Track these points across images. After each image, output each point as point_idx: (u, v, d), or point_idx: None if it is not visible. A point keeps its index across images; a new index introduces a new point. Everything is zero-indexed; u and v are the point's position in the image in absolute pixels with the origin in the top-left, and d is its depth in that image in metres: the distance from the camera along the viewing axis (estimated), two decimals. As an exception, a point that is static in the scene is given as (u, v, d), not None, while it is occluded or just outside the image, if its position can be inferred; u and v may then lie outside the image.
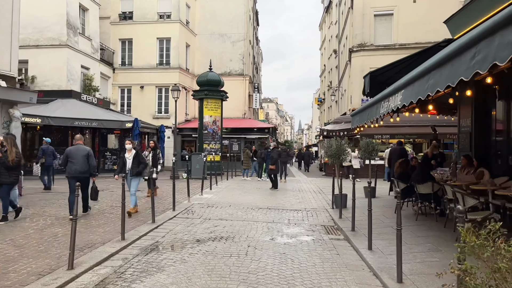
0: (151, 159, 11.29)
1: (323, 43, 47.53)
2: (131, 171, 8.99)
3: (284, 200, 12.14)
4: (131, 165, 9.03)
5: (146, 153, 11.42)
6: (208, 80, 22.15)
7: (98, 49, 26.20)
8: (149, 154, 11.47)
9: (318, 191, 15.00)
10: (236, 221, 8.64)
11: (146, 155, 11.17)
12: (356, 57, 23.99)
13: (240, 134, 27.61)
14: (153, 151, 11.59)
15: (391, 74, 10.51)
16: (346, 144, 10.99)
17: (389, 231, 7.44)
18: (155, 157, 11.45)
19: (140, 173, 9.10)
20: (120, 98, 29.13)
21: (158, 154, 11.65)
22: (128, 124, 20.91)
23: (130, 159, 9.09)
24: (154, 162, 11.36)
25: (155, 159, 11.42)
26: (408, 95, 5.41)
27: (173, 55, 28.57)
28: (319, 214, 9.86)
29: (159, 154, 11.78)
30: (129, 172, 9.03)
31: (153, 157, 11.41)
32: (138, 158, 9.10)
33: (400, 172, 9.17)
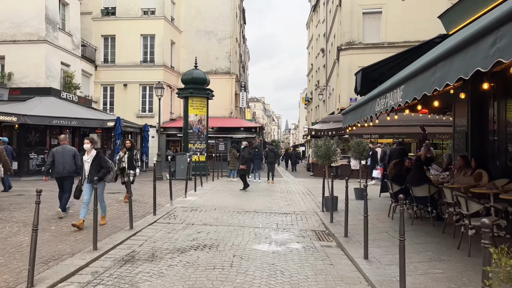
0: (126, 161, 10.39)
1: (310, 42, 47.19)
2: (89, 176, 7.41)
3: (272, 203, 11.61)
4: (89, 169, 7.50)
5: (121, 154, 10.57)
6: (193, 78, 21.51)
7: (79, 45, 25.30)
8: (125, 155, 10.52)
9: (307, 192, 14.52)
10: (221, 227, 8.08)
11: (121, 156, 10.41)
12: (344, 55, 23.62)
13: (227, 134, 27.00)
14: (129, 151, 10.59)
15: (384, 71, 10.07)
16: (336, 144, 10.53)
17: (384, 238, 6.97)
18: (131, 159, 10.49)
19: (101, 179, 7.45)
20: (102, 97, 28.24)
21: (135, 155, 10.67)
22: (110, 123, 20.15)
23: (89, 162, 7.51)
24: (131, 164, 10.43)
25: (131, 161, 10.46)
26: (410, 91, 4.91)
27: (158, 52, 27.81)
28: (309, 218, 9.35)
29: (136, 155, 10.74)
30: (87, 177, 7.48)
31: (129, 158, 10.46)
32: (98, 161, 7.52)
33: (394, 174, 8.72)
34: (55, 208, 8.93)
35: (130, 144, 10.77)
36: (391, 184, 8.55)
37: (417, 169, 7.89)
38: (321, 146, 10.37)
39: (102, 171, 7.53)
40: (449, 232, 6.86)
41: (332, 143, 10.25)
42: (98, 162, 7.54)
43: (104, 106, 28.18)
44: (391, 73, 9.64)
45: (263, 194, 13.78)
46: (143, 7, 28.01)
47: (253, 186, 16.25)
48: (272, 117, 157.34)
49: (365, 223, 5.74)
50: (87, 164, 7.56)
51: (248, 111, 53.04)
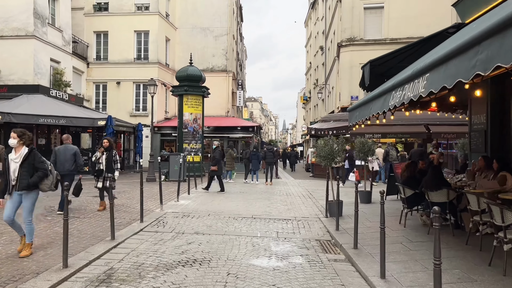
0: (104, 163, 9.17)
1: (309, 40, 46.40)
2: (18, 182, 5.54)
3: (271, 207, 10.77)
4: (18, 172, 5.56)
5: (98, 155, 9.28)
6: (188, 75, 20.64)
7: (70, 41, 24.37)
8: (102, 156, 9.23)
9: (308, 195, 13.69)
10: (215, 236, 7.23)
11: (98, 157, 9.28)
12: (345, 52, 22.81)
13: (223, 133, 26.14)
14: (107, 152, 9.23)
15: (393, 64, 9.26)
16: (341, 144, 9.71)
17: (400, 250, 6.14)
18: (110, 160, 9.17)
19: (34, 186, 5.65)
20: (95, 95, 27.31)
21: (114, 155, 9.26)
22: (101, 122, 19.24)
23: (17, 162, 5.57)
24: (109, 166, 9.16)
25: (110, 163, 9.16)
26: (438, 79, 4.07)
27: (152, 49, 26.92)
28: (312, 225, 8.51)
29: (115, 155, 9.31)
30: (15, 184, 5.55)
31: (107, 159, 9.16)
32: (31, 161, 5.63)
33: (407, 176, 7.88)
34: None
35: (108, 143, 9.33)
36: (403, 188, 7.72)
37: (434, 172, 7.05)
38: (324, 146, 9.55)
39: (36, 174, 5.65)
40: (474, 243, 6.04)
41: (337, 143, 9.43)
42: (31, 163, 5.62)
43: (97, 104, 27.26)
44: (401, 66, 8.83)
45: (261, 197, 12.93)
46: (137, 2, 27.10)
47: (251, 188, 15.41)
48: (270, 117, 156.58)
49: (382, 236, 4.91)
50: (14, 164, 5.58)
51: (245, 110, 52.21)
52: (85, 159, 19.62)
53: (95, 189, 9.73)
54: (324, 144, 9.52)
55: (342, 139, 9.81)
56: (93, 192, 12.66)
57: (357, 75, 22.35)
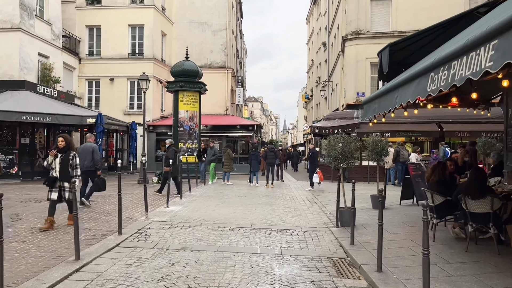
0: (58, 168, 7.10)
1: (311, 37, 45.11)
2: None
3: (272, 214, 9.49)
4: None
5: (49, 159, 7.20)
6: (183, 70, 19.36)
7: (60, 35, 23.10)
8: (55, 160, 7.13)
9: (313, 199, 12.40)
10: (206, 253, 5.95)
11: (50, 162, 7.16)
12: (350, 46, 21.52)
13: (222, 132, 24.88)
14: (61, 153, 7.15)
15: (415, 49, 8.00)
16: (357, 142, 8.44)
17: (437, 275, 4.85)
18: (65, 164, 7.09)
19: None
20: (87, 92, 26.07)
21: (72, 159, 7.19)
22: (90, 120, 17.98)
23: None
24: (65, 172, 7.07)
25: (65, 168, 7.08)
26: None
27: (147, 44, 25.66)
28: (321, 237, 7.23)
29: (74, 158, 7.24)
30: None
31: (62, 164, 7.07)
32: None
33: (437, 181, 6.59)
34: None
35: (64, 142, 7.21)
36: (431, 194, 6.44)
37: (477, 175, 5.75)
38: (334, 145, 8.27)
39: None
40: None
41: (350, 141, 8.16)
42: None
43: (89, 102, 26.03)
44: (424, 51, 7.58)
45: (262, 201, 11.64)
46: (131, -5, 25.86)
47: (250, 192, 14.13)
48: (270, 117, 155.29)
49: (425, 266, 3.63)
50: None
51: (245, 109, 50.94)
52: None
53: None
54: (334, 142, 8.26)
55: (354, 137, 8.55)
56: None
57: (363, 70, 21.10)
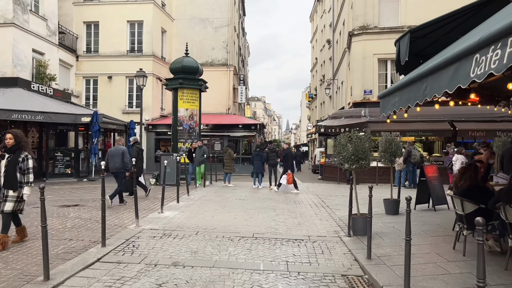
0: (3, 172, 5.83)
1: (315, 35, 44.23)
2: None
3: (276, 220, 8.64)
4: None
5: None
6: (183, 66, 18.53)
7: (56, 32, 22.35)
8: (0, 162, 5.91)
9: (320, 203, 11.53)
10: (200, 270, 5.11)
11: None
12: (357, 41, 20.64)
13: (223, 132, 24.05)
14: (9, 154, 5.87)
15: (438, 36, 7.15)
16: (370, 141, 7.59)
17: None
18: (13, 168, 5.75)
19: None
20: (85, 90, 25.28)
21: (23, 160, 5.86)
22: (85, 119, 17.22)
23: None
24: (11, 178, 5.73)
25: (13, 172, 5.74)
26: None
27: (146, 40, 24.85)
28: (332, 249, 6.38)
29: (26, 160, 5.88)
30: None
31: (8, 167, 5.77)
32: None
33: (467, 186, 5.72)
34: None
35: (13, 140, 5.90)
36: (462, 202, 5.57)
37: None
38: (345, 144, 7.42)
39: None
40: None
41: (364, 140, 7.31)
42: None
43: (87, 101, 25.24)
44: (450, 38, 6.72)
45: (265, 206, 10.79)
46: (130, -10, 25.05)
47: (252, 195, 13.29)
48: (273, 117, 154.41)
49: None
50: None
51: (248, 108, 50.10)
52: (67, 160, 17.59)
53: (63, 199, 7.65)
54: (346, 141, 7.41)
55: (368, 135, 7.70)
56: (61, 201, 10.62)
57: (370, 67, 20.20)
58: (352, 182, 7.32)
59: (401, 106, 5.65)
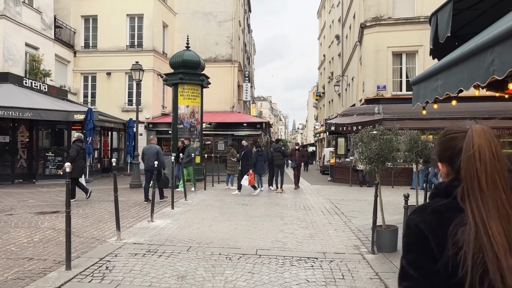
0: None
1: (322, 31, 42.89)
2: None
3: (284, 232, 7.37)
4: None
5: None
6: (184, 60, 17.38)
7: (52, 25, 21.29)
8: None
9: (333, 209, 10.25)
10: (185, 306, 3.88)
11: None
12: (369, 34, 19.30)
13: (227, 130, 22.84)
14: None
15: (487, 6, 5.84)
16: (396, 139, 6.34)
17: None
18: None
19: None
20: (83, 87, 24.23)
21: None
22: (78, 116, 16.07)
23: None
24: None
25: None
26: None
27: (147, 35, 23.73)
28: (354, 272, 5.11)
29: None
30: None
31: None
32: None
33: None
34: None
35: None
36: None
37: None
38: (368, 143, 6.16)
39: None
40: None
41: (391, 138, 6.04)
42: None
43: (85, 98, 24.19)
44: (501, 10, 5.44)
45: (271, 212, 9.53)
46: (130, -18, 23.93)
47: (256, 200, 12.03)
48: (279, 117, 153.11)
49: None
50: None
51: (254, 107, 48.86)
52: (59, 161, 16.46)
53: (44, 205, 6.48)
54: (369, 139, 6.15)
55: (395, 131, 6.45)
56: (41, 207, 9.44)
57: (384, 61, 18.84)
58: (372, 185, 6.05)
59: (447, 92, 4.37)
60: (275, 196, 12.76)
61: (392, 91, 18.74)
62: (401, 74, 18.98)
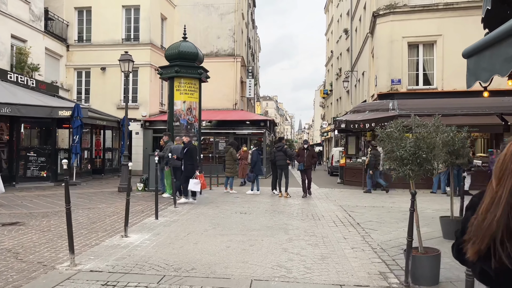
0: None
1: (330, 26, 41.27)
2: None
3: (288, 252, 5.85)
4: None
5: None
6: (180, 52, 15.85)
7: (42, 17, 19.97)
8: None
9: (347, 218, 8.72)
10: None
11: None
12: (382, 23, 17.70)
13: (229, 129, 21.35)
14: None
15: None
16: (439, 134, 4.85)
17: None
18: None
19: None
20: (76, 83, 22.89)
21: None
22: (64, 112, 14.70)
23: None
24: None
25: None
26: None
27: (143, 27, 22.33)
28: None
29: None
30: None
31: None
32: None
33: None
34: None
35: None
36: None
37: None
38: (400, 138, 4.65)
39: None
40: None
41: (432, 131, 4.54)
42: None
43: (79, 95, 22.85)
44: None
45: (273, 223, 8.00)
46: (125, -29, 22.54)
47: (257, 207, 10.51)
48: (285, 117, 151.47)
49: None
50: None
51: (258, 105, 47.34)
52: (42, 161, 15.05)
53: (5, 215, 5.05)
54: (401, 135, 4.64)
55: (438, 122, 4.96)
56: (2, 217, 8.01)
57: (399, 52, 17.21)
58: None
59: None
60: (278, 202, 11.24)
61: (408, 85, 17.15)
62: (418, 66, 17.39)
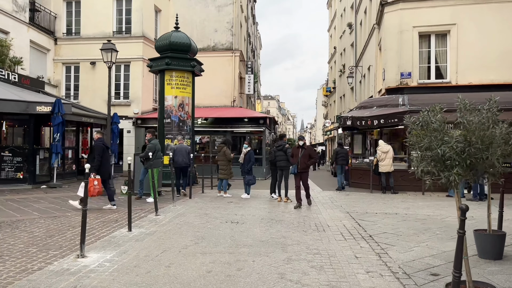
0: None
1: (333, 22, 39.91)
2: None
3: (286, 279, 4.52)
4: None
5: None
6: (171, 42, 14.62)
7: (27, 8, 18.77)
8: None
9: (356, 229, 7.38)
10: None
11: None
12: (391, 11, 16.33)
13: (226, 127, 20.01)
14: None
15: None
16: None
17: None
18: None
19: None
20: (64, 79, 21.65)
21: None
22: (42, 108, 13.42)
23: None
24: None
25: None
26: None
27: (136, 19, 21.06)
28: None
29: None
30: None
31: None
32: None
33: None
34: None
35: None
36: None
37: None
38: (442, 130, 3.34)
39: None
40: None
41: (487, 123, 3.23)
42: None
43: (67, 91, 21.64)
44: None
45: (268, 237, 6.68)
46: (116, -40, 21.27)
47: (254, 213, 9.19)
48: (287, 116, 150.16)
49: None
50: None
51: (259, 103, 46.00)
52: (18, 161, 13.76)
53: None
54: (443, 127, 3.35)
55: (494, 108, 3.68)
56: None
57: (409, 43, 15.78)
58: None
59: None
60: (277, 208, 9.91)
61: (419, 79, 15.79)
62: (429, 59, 16.02)
